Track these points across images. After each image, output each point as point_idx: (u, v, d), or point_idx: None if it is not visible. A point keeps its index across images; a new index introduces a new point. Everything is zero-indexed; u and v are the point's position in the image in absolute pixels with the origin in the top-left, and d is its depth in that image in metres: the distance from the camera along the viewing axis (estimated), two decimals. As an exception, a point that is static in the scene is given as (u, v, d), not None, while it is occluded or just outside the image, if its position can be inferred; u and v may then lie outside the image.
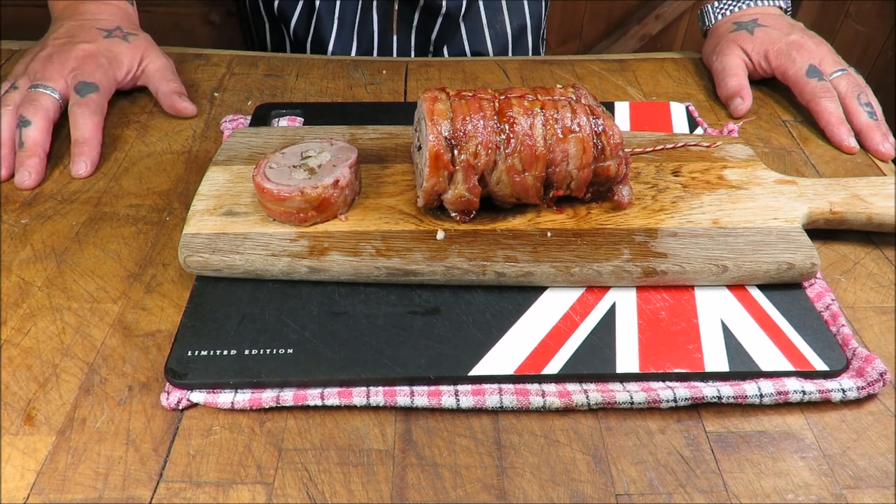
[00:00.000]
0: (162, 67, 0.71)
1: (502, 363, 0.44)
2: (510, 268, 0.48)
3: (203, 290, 0.49)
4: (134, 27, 0.74)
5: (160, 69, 0.71)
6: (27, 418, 0.42)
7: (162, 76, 0.70)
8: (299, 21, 0.90)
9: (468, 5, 0.89)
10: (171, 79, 0.71)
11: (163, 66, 0.71)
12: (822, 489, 0.39)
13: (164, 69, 0.71)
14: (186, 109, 0.69)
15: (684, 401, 0.43)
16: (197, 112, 0.69)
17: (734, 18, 0.77)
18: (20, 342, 0.46)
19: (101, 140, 0.63)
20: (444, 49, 0.92)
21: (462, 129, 0.49)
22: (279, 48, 0.95)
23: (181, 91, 0.70)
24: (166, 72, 0.71)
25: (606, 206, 0.54)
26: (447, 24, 0.90)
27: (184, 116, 0.69)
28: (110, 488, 0.38)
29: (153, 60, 0.71)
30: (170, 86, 0.70)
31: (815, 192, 0.55)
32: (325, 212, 0.51)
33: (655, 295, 0.49)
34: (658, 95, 0.75)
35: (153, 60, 0.71)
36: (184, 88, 0.71)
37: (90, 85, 0.64)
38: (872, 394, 0.44)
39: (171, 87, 0.70)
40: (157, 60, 0.71)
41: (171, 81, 0.70)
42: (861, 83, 0.69)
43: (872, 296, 0.51)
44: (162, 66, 0.71)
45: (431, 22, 0.90)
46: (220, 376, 0.43)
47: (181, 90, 0.70)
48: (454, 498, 0.39)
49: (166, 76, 0.71)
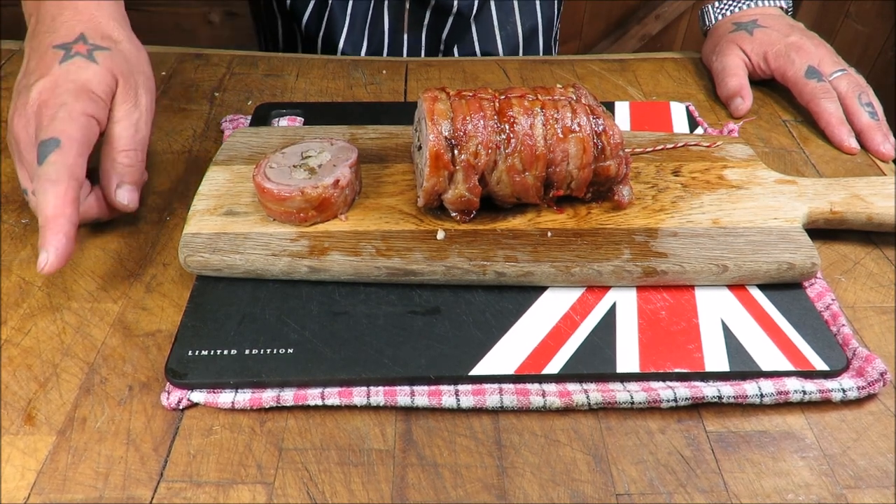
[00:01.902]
0: (126, 120, 0.50)
1: (503, 363, 0.44)
2: (510, 268, 0.48)
3: (203, 289, 0.49)
4: (104, 35, 0.53)
5: (125, 123, 0.50)
6: (27, 418, 0.42)
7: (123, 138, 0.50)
8: (311, 18, 0.89)
9: (480, 6, 0.89)
10: (128, 147, 0.50)
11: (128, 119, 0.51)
12: (823, 489, 0.39)
13: (128, 128, 0.50)
14: (124, 205, 0.51)
15: (685, 400, 0.43)
16: (136, 208, 0.52)
17: (734, 19, 0.77)
18: (20, 342, 0.46)
19: (70, 216, 0.44)
20: (454, 49, 0.92)
21: (462, 128, 0.49)
22: (291, 46, 0.95)
23: (134, 178, 0.51)
24: (128, 136, 0.50)
25: (607, 206, 0.54)
26: (458, 24, 0.90)
27: (119, 210, 0.52)
28: (111, 488, 0.38)
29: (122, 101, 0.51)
30: (121, 162, 0.50)
31: (816, 192, 0.55)
32: (326, 212, 0.51)
33: (656, 295, 0.49)
34: (658, 95, 0.75)
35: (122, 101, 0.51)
36: (141, 166, 0.52)
37: (48, 143, 0.46)
38: (873, 394, 0.44)
39: (120, 166, 0.50)
40: (125, 104, 0.51)
41: (128, 153, 0.50)
42: (862, 83, 0.69)
43: (873, 296, 0.51)
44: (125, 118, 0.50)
45: (442, 22, 0.90)
46: (221, 376, 0.43)
47: (134, 176, 0.51)
48: (454, 498, 0.39)
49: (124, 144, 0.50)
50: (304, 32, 0.91)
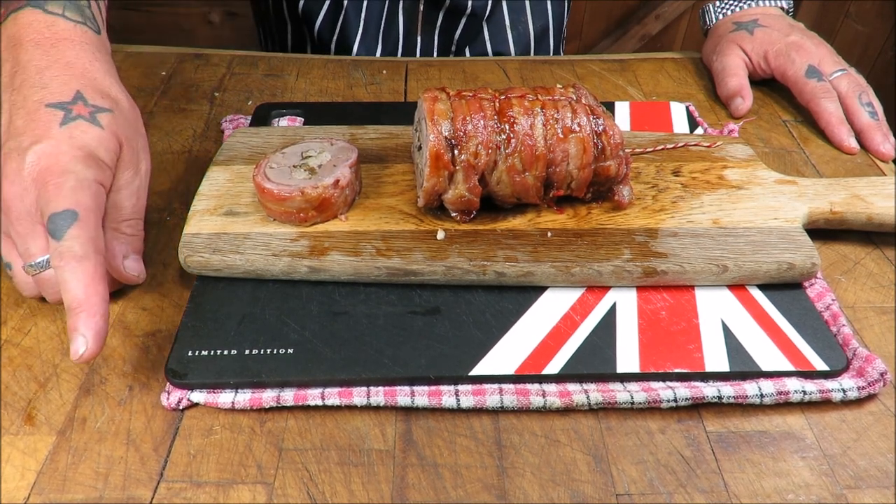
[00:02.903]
0: (127, 188, 0.48)
1: (503, 363, 0.44)
2: (510, 268, 0.48)
3: (203, 289, 0.49)
4: (102, 94, 0.48)
5: (126, 192, 0.48)
6: (27, 418, 0.42)
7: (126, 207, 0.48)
8: (324, 23, 0.89)
9: (492, 6, 0.89)
10: (130, 216, 0.48)
11: (129, 187, 0.48)
12: (823, 489, 0.39)
13: (129, 195, 0.48)
14: (134, 276, 0.48)
15: (685, 401, 0.43)
16: (145, 279, 0.50)
17: (734, 18, 0.77)
18: (20, 342, 0.46)
19: (103, 294, 0.41)
20: (465, 50, 0.92)
21: (462, 128, 0.49)
22: (300, 51, 0.94)
23: (138, 247, 0.49)
24: (130, 206, 0.48)
25: (607, 206, 0.54)
26: (471, 25, 0.90)
27: (125, 281, 0.49)
28: (111, 488, 0.38)
29: (124, 168, 0.47)
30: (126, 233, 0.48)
31: (816, 192, 0.55)
32: (326, 212, 0.51)
33: (656, 295, 0.49)
34: (658, 95, 0.75)
35: (124, 168, 0.47)
36: (141, 233, 0.50)
37: (63, 215, 0.41)
38: (873, 394, 0.44)
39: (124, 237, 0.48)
40: (126, 171, 0.48)
41: (130, 223, 0.48)
42: (862, 83, 0.69)
43: (873, 296, 0.51)
44: (126, 186, 0.48)
45: (455, 23, 0.90)
46: (221, 376, 0.43)
47: (138, 245, 0.49)
48: (454, 498, 0.39)
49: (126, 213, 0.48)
50: (318, 38, 0.91)
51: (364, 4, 0.87)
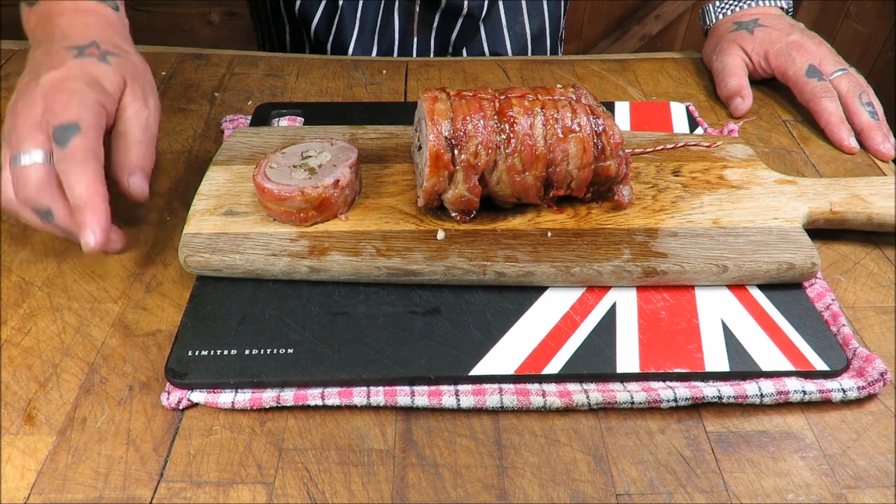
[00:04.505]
0: (137, 117, 0.52)
1: (503, 363, 0.44)
2: (510, 268, 0.48)
3: (203, 289, 0.49)
4: (114, 45, 0.55)
5: (135, 120, 0.52)
6: (27, 418, 0.42)
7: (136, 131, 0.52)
8: (320, 23, 0.89)
9: (489, 7, 0.89)
10: (141, 140, 0.52)
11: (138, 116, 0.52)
12: (823, 489, 0.39)
13: (139, 123, 0.52)
14: (137, 192, 0.51)
15: (685, 401, 0.43)
16: (147, 199, 0.52)
17: (734, 18, 0.77)
18: (20, 342, 0.46)
19: (104, 194, 0.46)
20: (462, 51, 0.92)
21: (462, 128, 0.49)
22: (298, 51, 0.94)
23: (146, 168, 0.52)
24: (139, 130, 0.52)
25: (607, 206, 0.54)
26: (467, 26, 0.90)
27: (131, 198, 0.51)
28: (111, 488, 0.38)
29: (132, 101, 0.52)
30: (136, 152, 0.51)
31: (816, 192, 0.55)
32: (326, 212, 0.51)
33: (656, 295, 0.49)
34: (658, 95, 0.75)
35: (132, 101, 0.52)
36: (152, 159, 0.53)
37: (68, 127, 0.47)
38: (873, 394, 0.44)
39: (134, 156, 0.51)
40: (134, 103, 0.52)
41: (140, 145, 0.52)
42: (862, 83, 0.69)
43: (873, 296, 0.51)
44: (136, 115, 0.52)
45: (452, 23, 0.90)
46: (221, 376, 0.43)
47: (147, 166, 0.52)
48: (455, 498, 0.39)
49: (136, 137, 0.52)
50: (314, 37, 0.91)
51: (360, 5, 0.87)
